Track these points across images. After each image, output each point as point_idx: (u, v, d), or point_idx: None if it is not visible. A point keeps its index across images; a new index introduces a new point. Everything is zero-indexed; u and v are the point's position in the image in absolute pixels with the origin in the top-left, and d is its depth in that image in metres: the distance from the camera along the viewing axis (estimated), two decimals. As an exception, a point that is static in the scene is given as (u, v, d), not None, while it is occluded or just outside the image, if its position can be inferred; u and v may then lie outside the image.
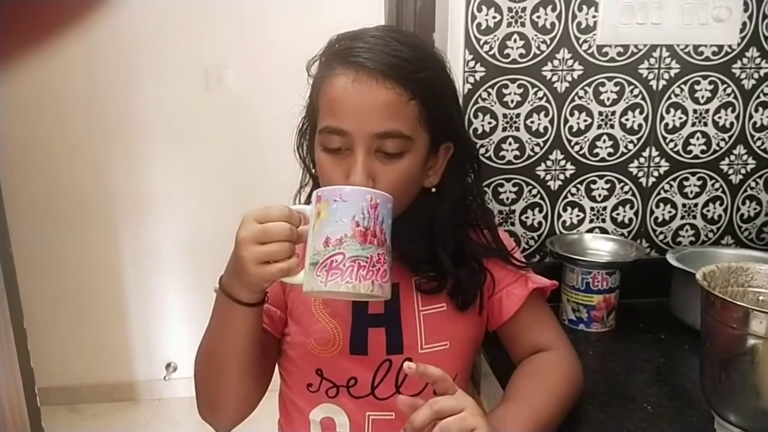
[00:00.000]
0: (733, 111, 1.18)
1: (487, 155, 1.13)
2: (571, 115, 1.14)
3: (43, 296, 2.36)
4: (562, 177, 1.17)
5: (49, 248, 2.36)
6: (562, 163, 1.16)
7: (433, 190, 0.82)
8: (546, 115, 1.13)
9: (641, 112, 1.16)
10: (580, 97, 1.14)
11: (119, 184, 2.35)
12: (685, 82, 1.15)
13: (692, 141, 1.19)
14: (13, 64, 2.13)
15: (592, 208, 1.20)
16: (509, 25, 1.08)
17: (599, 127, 1.16)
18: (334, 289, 0.62)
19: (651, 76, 1.14)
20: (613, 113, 1.15)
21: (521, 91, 1.11)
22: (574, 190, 1.18)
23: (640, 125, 1.17)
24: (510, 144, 1.14)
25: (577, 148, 1.16)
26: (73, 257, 2.39)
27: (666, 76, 1.15)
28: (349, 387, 0.82)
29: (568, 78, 1.12)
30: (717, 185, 1.22)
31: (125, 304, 2.46)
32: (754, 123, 1.19)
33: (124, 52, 2.21)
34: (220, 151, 2.34)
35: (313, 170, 0.85)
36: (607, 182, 1.19)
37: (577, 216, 1.20)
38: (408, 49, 0.75)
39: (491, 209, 1.07)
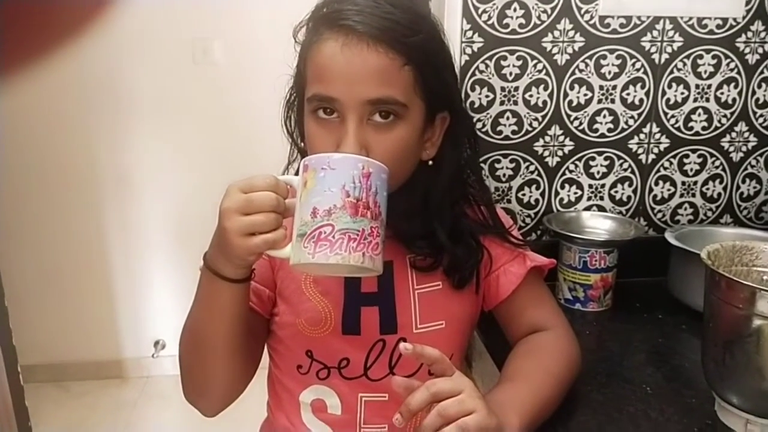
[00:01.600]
0: (735, 87, 1.15)
1: (483, 130, 1.10)
2: (571, 88, 1.11)
3: (29, 274, 2.32)
4: (560, 153, 1.14)
5: (34, 224, 2.32)
6: (561, 138, 1.13)
7: (430, 163, 0.78)
8: (545, 89, 1.10)
9: (642, 87, 1.13)
10: (581, 70, 1.10)
11: (105, 159, 2.30)
12: (687, 56, 1.12)
13: (693, 117, 1.16)
14: (15, 71, 2.07)
15: (590, 186, 1.17)
16: (509, -7, 1.04)
17: (599, 101, 1.12)
18: (322, 261, 0.59)
19: (653, 49, 1.11)
20: (614, 87, 1.12)
21: (520, 63, 1.08)
22: (572, 167, 1.15)
23: (641, 100, 1.13)
24: (508, 118, 1.10)
25: (576, 123, 1.13)
26: (59, 233, 2.35)
27: (669, 49, 1.11)
28: (340, 368, 0.79)
29: (569, 50, 1.09)
30: (717, 163, 1.19)
31: (113, 280, 2.43)
32: (757, 99, 1.16)
33: (109, 26, 2.15)
34: (207, 125, 2.30)
35: (301, 144, 0.82)
36: (606, 159, 1.16)
37: (575, 193, 1.17)
38: (400, 12, 0.70)
39: (488, 186, 1.04)
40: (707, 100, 1.15)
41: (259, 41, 2.18)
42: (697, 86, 1.14)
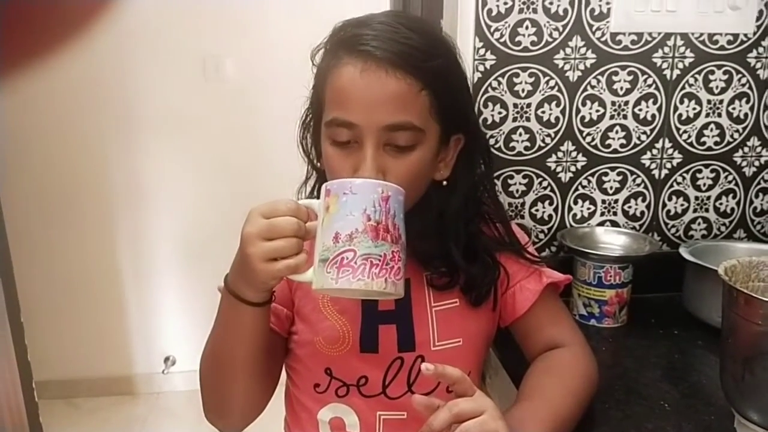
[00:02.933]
0: (747, 102, 1.15)
1: (497, 146, 1.10)
2: (583, 105, 1.11)
3: (40, 289, 2.33)
4: (573, 169, 1.15)
5: (47, 241, 2.33)
6: (574, 154, 1.14)
7: (444, 183, 0.79)
8: (557, 105, 1.11)
9: (654, 103, 1.13)
10: (593, 87, 1.11)
11: (117, 176, 2.32)
12: (699, 72, 1.13)
13: (706, 132, 1.16)
14: (17, 68, 2.10)
15: (603, 201, 1.17)
16: (521, 11, 1.05)
17: (612, 117, 1.13)
18: (345, 287, 0.60)
19: (665, 65, 1.12)
20: (626, 103, 1.13)
21: (532, 80, 1.09)
22: (585, 183, 1.16)
23: (653, 116, 1.14)
24: (520, 135, 1.11)
25: (588, 139, 1.13)
26: (71, 250, 2.36)
27: (680, 65, 1.12)
28: (359, 386, 0.79)
29: (581, 67, 1.09)
30: (730, 178, 1.19)
31: (124, 297, 2.44)
32: (769, 114, 1.17)
33: (121, 41, 2.18)
34: (219, 142, 2.31)
35: (318, 163, 0.82)
36: (619, 174, 1.16)
37: (588, 209, 1.17)
38: (418, 37, 0.71)
39: (502, 203, 1.05)
40: (719, 115, 1.16)
41: (270, 60, 2.21)
42: (709, 101, 1.15)
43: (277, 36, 2.18)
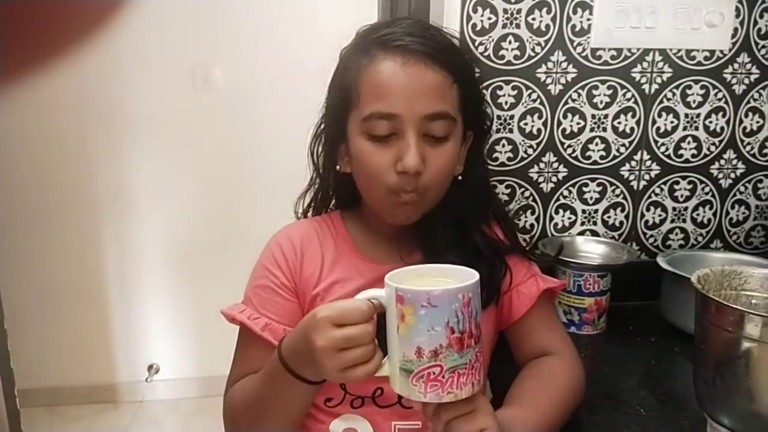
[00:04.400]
0: (723, 116, 1.19)
1: (480, 156, 1.13)
2: (565, 117, 1.14)
3: (24, 296, 2.31)
4: (554, 179, 1.17)
5: (31, 248, 2.32)
6: (555, 165, 1.16)
7: (459, 178, 0.82)
8: (540, 117, 1.13)
9: (633, 116, 1.16)
10: (574, 100, 1.14)
11: (103, 183, 2.31)
12: (677, 87, 1.16)
13: (683, 145, 1.19)
14: (20, 77, 2.09)
15: (583, 211, 1.20)
16: (504, 26, 1.08)
17: (592, 130, 1.16)
18: (434, 401, 0.59)
19: (644, 79, 1.15)
20: (606, 116, 1.16)
21: (515, 92, 1.11)
22: (566, 193, 1.18)
23: (632, 129, 1.17)
24: (504, 146, 1.14)
25: (569, 150, 1.16)
26: (55, 257, 2.34)
27: (658, 80, 1.15)
28: (374, 397, 0.80)
29: (562, 80, 1.12)
30: (707, 189, 1.23)
31: (107, 304, 2.42)
32: (744, 128, 1.20)
33: (110, 49, 2.18)
34: (207, 151, 2.31)
35: (325, 173, 0.85)
36: (598, 185, 1.19)
37: (569, 218, 1.20)
38: (442, 36, 0.77)
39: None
40: (696, 128, 1.19)
41: (260, 69, 2.22)
42: (687, 115, 1.18)
43: (266, 45, 2.20)
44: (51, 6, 2.00)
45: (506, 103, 1.12)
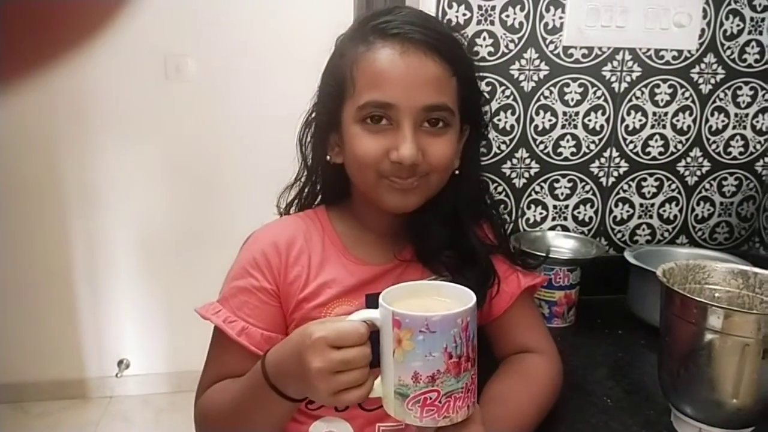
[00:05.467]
0: (690, 114, 1.22)
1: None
2: (537, 114, 1.16)
3: (-12, 289, 2.26)
4: (527, 175, 1.19)
5: (-4, 240, 2.27)
6: (527, 161, 1.18)
7: (457, 172, 0.80)
8: (513, 114, 1.15)
9: (603, 114, 1.19)
10: (546, 97, 1.16)
11: (71, 175, 2.27)
12: (645, 85, 1.19)
13: (651, 143, 1.22)
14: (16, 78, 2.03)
15: (554, 207, 1.22)
16: (479, 22, 1.09)
17: (563, 126, 1.18)
18: (430, 425, 0.58)
19: (613, 78, 1.17)
20: (577, 114, 1.18)
21: (489, 89, 1.13)
22: (538, 188, 1.20)
23: (602, 126, 1.19)
24: (477, 141, 1.15)
25: (541, 147, 1.18)
26: (22, 251, 2.29)
27: (628, 78, 1.18)
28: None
29: (535, 78, 1.14)
30: (673, 186, 1.26)
31: (76, 298, 2.38)
32: (710, 127, 1.23)
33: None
34: (179, 143, 2.28)
35: (314, 165, 0.83)
36: (569, 181, 1.21)
37: (541, 214, 1.22)
38: (443, 27, 0.76)
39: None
40: (664, 126, 1.22)
41: (234, 60, 2.19)
42: (654, 114, 1.21)
43: (241, 35, 2.17)
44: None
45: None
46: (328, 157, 0.80)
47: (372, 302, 0.77)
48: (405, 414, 0.58)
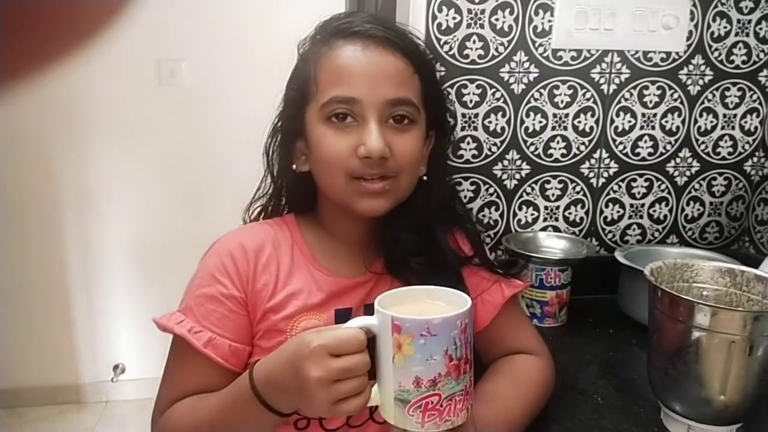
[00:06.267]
0: (679, 115, 1.23)
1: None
2: (527, 116, 1.17)
3: (-17, 295, 2.26)
4: (517, 176, 1.20)
5: (-10, 245, 2.26)
6: (518, 162, 1.19)
7: (425, 178, 0.79)
8: (503, 116, 1.16)
9: (593, 115, 1.20)
10: (536, 99, 1.17)
11: (65, 179, 2.27)
12: (634, 87, 1.20)
13: (640, 144, 1.24)
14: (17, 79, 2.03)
15: (546, 207, 1.23)
16: (469, 26, 1.10)
17: (553, 128, 1.19)
18: (432, 430, 0.58)
19: (602, 80, 1.18)
20: (567, 115, 1.19)
21: (480, 91, 1.14)
22: (529, 190, 1.21)
23: (591, 128, 1.20)
24: (468, 143, 1.16)
25: (532, 148, 1.19)
26: (17, 255, 2.29)
27: (617, 80, 1.19)
28: (321, 419, 0.75)
29: (525, 80, 1.15)
30: (663, 186, 1.27)
31: (71, 303, 2.38)
32: (699, 127, 1.25)
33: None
34: (173, 148, 2.29)
35: (278, 178, 0.81)
36: (560, 182, 1.22)
37: (532, 215, 1.23)
38: (404, 29, 0.76)
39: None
40: (653, 127, 1.23)
41: (227, 64, 2.20)
42: (644, 115, 1.22)
43: (234, 39, 2.18)
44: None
45: (471, 101, 1.14)
46: (294, 166, 0.78)
47: (342, 318, 0.76)
48: (406, 420, 0.58)
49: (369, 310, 0.63)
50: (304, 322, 0.75)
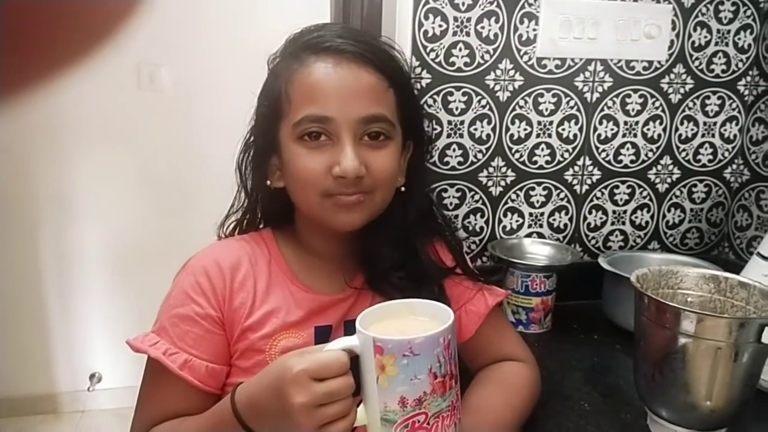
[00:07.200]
0: (660, 123, 1.25)
1: (431, 161, 1.15)
2: (512, 123, 1.18)
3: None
4: (503, 183, 1.21)
5: (-37, 251, 2.21)
6: (504, 169, 1.20)
7: (403, 189, 0.78)
8: (489, 123, 1.16)
9: (576, 123, 1.21)
10: (521, 107, 1.17)
11: (42, 185, 2.22)
12: (617, 95, 1.21)
13: (623, 151, 1.25)
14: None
15: (530, 214, 1.24)
16: (455, 33, 1.10)
17: (538, 135, 1.20)
18: None
19: (586, 88, 1.20)
20: (551, 123, 1.20)
21: (465, 98, 1.14)
22: (514, 196, 1.22)
23: (575, 135, 1.22)
24: (454, 150, 1.16)
25: (517, 155, 1.20)
26: (-10, 261, 2.24)
27: (600, 89, 1.20)
28: None
29: (510, 88, 1.16)
30: (645, 193, 1.29)
31: (47, 310, 2.33)
32: (680, 135, 1.26)
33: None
34: (151, 153, 2.26)
35: (253, 192, 0.80)
36: (544, 189, 1.23)
37: (517, 221, 1.24)
38: (377, 41, 0.75)
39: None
40: (635, 135, 1.25)
41: (208, 69, 2.18)
42: (626, 123, 1.24)
43: (216, 44, 2.16)
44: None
45: (457, 108, 1.14)
46: (268, 182, 0.77)
47: (322, 335, 0.76)
48: None
49: (350, 326, 0.62)
50: (284, 341, 0.74)
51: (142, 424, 0.73)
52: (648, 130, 1.25)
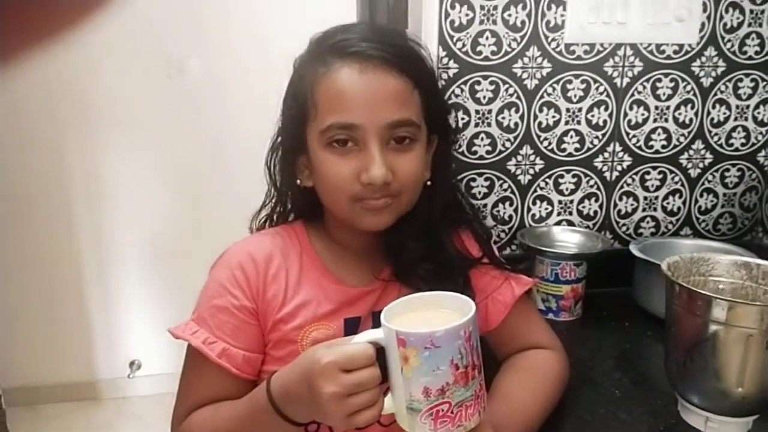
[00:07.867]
0: (692, 108, 1.23)
1: (460, 150, 1.15)
2: (540, 111, 1.17)
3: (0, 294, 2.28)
4: (531, 171, 1.21)
5: (5, 244, 2.28)
6: (532, 158, 1.20)
7: (428, 183, 0.79)
8: (516, 111, 1.16)
9: (606, 109, 1.20)
10: (549, 94, 1.17)
11: (79, 176, 2.28)
12: (647, 80, 1.20)
13: (653, 136, 1.24)
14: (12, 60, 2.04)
15: (560, 202, 1.24)
16: (481, 22, 1.10)
17: (566, 123, 1.19)
18: None
19: (615, 74, 1.18)
20: (580, 110, 1.19)
21: (493, 87, 1.14)
22: (543, 184, 1.22)
23: (605, 121, 1.21)
24: (482, 139, 1.16)
25: (545, 143, 1.19)
26: (31, 253, 2.31)
27: (629, 74, 1.19)
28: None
29: (538, 75, 1.15)
30: (676, 179, 1.27)
31: (86, 299, 2.40)
32: (712, 119, 1.25)
33: (83, 37, 2.14)
34: (182, 142, 2.29)
35: (283, 187, 0.81)
36: (573, 176, 1.23)
37: (546, 209, 1.24)
38: (399, 39, 0.75)
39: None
40: (666, 120, 1.23)
41: (235, 60, 2.21)
42: (657, 108, 1.22)
43: (245, 35, 2.18)
44: None
45: (484, 97, 1.14)
46: (298, 181, 0.79)
47: (350, 326, 0.78)
48: (419, 428, 0.59)
49: (377, 317, 0.63)
50: (315, 332, 0.76)
51: (183, 409, 0.76)
52: (679, 114, 1.23)
